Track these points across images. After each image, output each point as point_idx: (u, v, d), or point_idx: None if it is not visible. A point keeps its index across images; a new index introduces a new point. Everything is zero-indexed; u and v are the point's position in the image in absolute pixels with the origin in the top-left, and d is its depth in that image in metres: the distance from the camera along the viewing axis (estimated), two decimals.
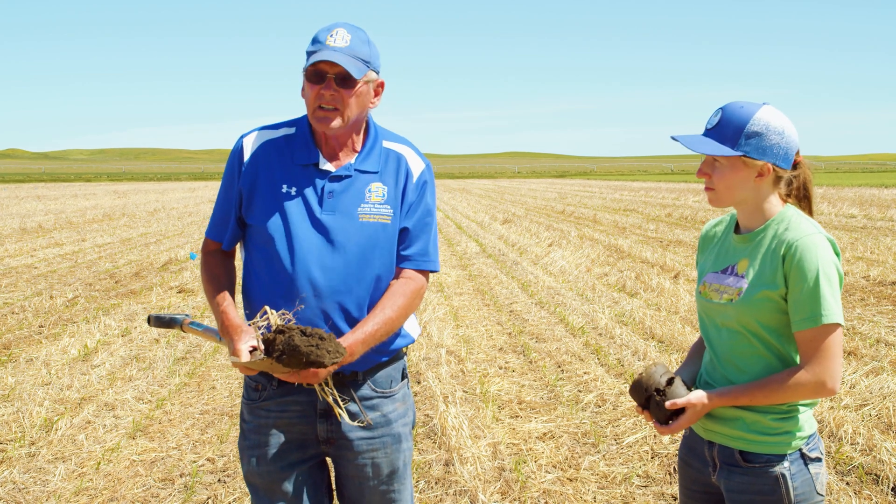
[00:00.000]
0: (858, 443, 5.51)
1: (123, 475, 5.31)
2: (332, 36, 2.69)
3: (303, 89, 2.79)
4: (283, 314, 2.64)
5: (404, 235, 2.88)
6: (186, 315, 3.58)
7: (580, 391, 6.97)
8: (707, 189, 2.60)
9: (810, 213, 2.63)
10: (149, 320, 3.63)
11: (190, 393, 7.08)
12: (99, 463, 5.48)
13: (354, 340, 2.68)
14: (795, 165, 2.59)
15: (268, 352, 2.52)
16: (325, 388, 2.71)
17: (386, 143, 2.90)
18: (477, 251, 17.28)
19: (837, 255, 2.48)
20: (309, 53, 2.71)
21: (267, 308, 2.64)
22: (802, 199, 2.63)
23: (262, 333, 2.57)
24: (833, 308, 2.41)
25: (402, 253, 2.88)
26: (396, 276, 2.89)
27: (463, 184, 70.78)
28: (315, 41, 2.72)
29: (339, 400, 2.69)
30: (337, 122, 2.72)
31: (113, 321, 9.90)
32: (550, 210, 30.48)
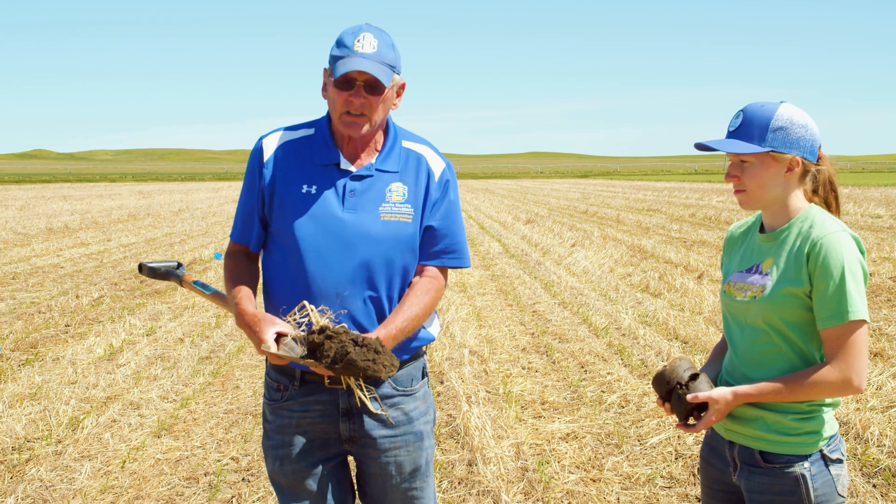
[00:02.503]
0: (885, 444, 5.46)
1: (148, 474, 5.35)
2: (359, 41, 2.69)
3: (324, 89, 2.80)
4: (324, 310, 2.65)
5: (430, 233, 2.89)
6: (181, 266, 3.55)
7: (603, 392, 6.95)
8: (737, 192, 2.59)
9: (838, 207, 2.64)
10: (140, 268, 3.58)
11: (214, 392, 7.12)
12: (124, 461, 5.52)
13: (386, 335, 2.69)
14: (817, 160, 2.59)
15: (314, 355, 2.50)
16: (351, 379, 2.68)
17: (405, 143, 2.91)
18: (500, 251, 17.26)
19: (862, 252, 2.47)
20: (335, 58, 2.71)
21: (306, 303, 2.64)
22: (829, 192, 2.62)
23: (302, 331, 2.57)
24: (858, 305, 2.40)
25: (428, 251, 2.90)
26: (419, 274, 2.90)
27: (486, 184, 70.76)
28: (341, 45, 2.71)
29: (363, 386, 2.68)
30: (366, 128, 2.74)
31: (138, 321, 9.97)
32: (573, 210, 30.39)
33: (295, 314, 2.63)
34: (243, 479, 5.25)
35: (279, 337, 2.57)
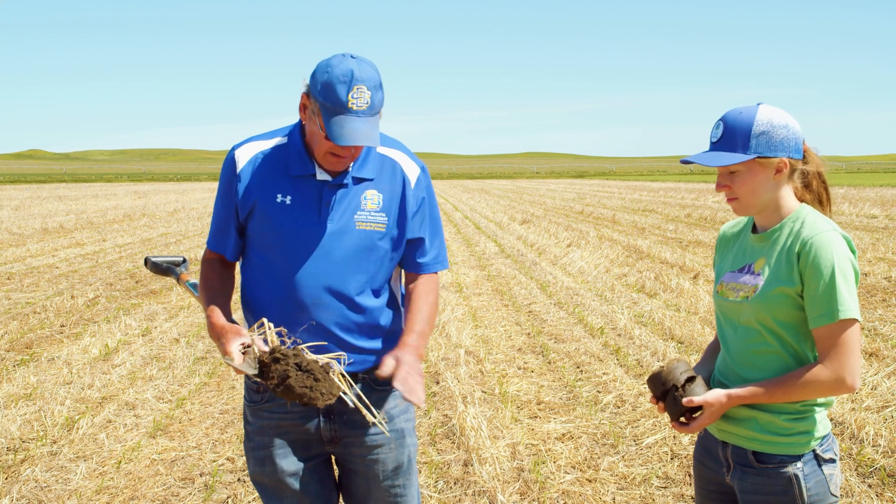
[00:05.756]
0: (880, 444, 5.48)
1: (144, 474, 5.35)
2: (353, 96, 2.57)
3: (302, 109, 2.72)
4: (281, 332, 2.62)
5: (417, 244, 2.92)
6: (184, 262, 3.56)
7: (599, 392, 6.96)
8: (730, 200, 2.59)
9: (829, 198, 2.64)
10: (146, 262, 3.62)
11: (210, 392, 7.11)
12: (120, 462, 5.52)
13: (418, 344, 2.75)
14: (803, 155, 2.59)
15: (262, 374, 2.50)
16: (344, 393, 2.62)
17: (380, 149, 2.88)
18: (495, 251, 17.27)
19: (853, 251, 2.48)
20: (326, 110, 2.60)
21: (265, 320, 2.62)
22: (820, 184, 2.63)
23: (258, 349, 2.54)
24: (849, 303, 2.40)
25: (419, 261, 2.93)
26: (412, 281, 2.94)
27: (481, 184, 70.78)
28: (333, 96, 2.58)
29: (366, 401, 2.67)
30: (349, 165, 2.76)
31: (133, 321, 9.97)
32: (569, 210, 30.42)
33: (255, 330, 2.62)
34: (238, 480, 5.25)
35: (247, 349, 2.56)
